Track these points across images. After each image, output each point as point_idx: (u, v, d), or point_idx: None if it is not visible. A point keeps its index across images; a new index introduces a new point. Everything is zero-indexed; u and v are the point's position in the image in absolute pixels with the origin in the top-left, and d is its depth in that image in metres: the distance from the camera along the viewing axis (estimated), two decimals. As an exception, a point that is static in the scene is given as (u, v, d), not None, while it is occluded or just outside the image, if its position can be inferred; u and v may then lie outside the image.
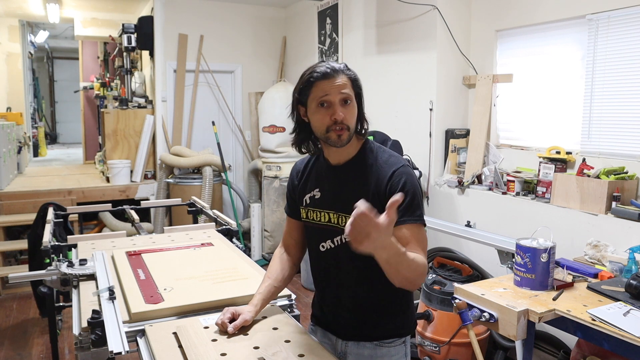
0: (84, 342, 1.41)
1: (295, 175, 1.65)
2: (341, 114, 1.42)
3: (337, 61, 1.49)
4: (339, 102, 1.43)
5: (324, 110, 1.43)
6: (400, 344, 1.56)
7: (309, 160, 1.64)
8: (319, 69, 1.44)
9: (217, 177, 5.43)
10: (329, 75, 1.43)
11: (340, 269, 1.52)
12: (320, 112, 1.44)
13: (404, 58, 4.07)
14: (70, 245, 2.38)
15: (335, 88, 1.42)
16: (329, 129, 1.44)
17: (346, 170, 1.51)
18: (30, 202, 4.88)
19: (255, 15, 5.98)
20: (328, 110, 1.43)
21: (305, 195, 1.58)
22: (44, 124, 11.38)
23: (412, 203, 1.41)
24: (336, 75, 1.43)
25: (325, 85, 1.42)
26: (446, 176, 3.80)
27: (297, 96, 1.49)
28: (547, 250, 2.02)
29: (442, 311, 2.95)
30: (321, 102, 1.43)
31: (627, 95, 2.80)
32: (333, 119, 1.42)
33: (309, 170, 1.61)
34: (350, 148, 1.50)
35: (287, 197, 1.69)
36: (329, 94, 1.42)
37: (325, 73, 1.43)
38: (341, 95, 1.43)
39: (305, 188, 1.59)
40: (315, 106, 1.44)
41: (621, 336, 1.71)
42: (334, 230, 1.51)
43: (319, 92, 1.43)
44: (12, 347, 3.59)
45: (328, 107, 1.43)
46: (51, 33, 9.71)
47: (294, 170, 1.67)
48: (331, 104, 1.43)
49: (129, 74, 6.64)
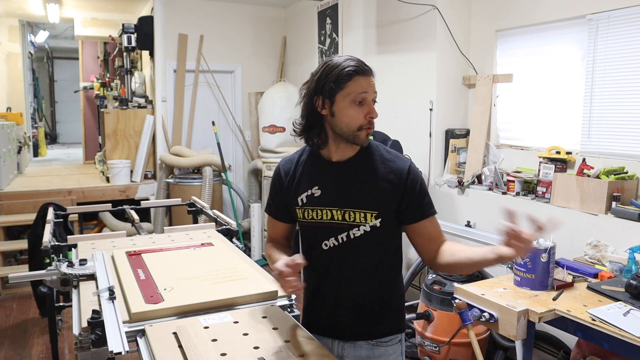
0: (84, 342, 1.41)
1: (285, 175, 1.57)
2: (376, 114, 1.42)
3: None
4: (371, 101, 1.43)
5: (359, 108, 1.40)
6: (396, 342, 1.56)
7: (296, 159, 1.58)
8: (359, 64, 1.39)
9: (217, 177, 5.43)
10: (367, 72, 1.41)
11: (343, 267, 1.51)
12: (355, 109, 1.40)
13: (404, 58, 4.07)
14: (70, 245, 2.38)
15: (372, 87, 1.42)
16: (361, 128, 1.42)
17: (350, 166, 1.49)
18: (30, 202, 4.88)
19: (255, 15, 5.98)
20: (363, 108, 1.41)
21: (300, 195, 1.52)
22: (44, 124, 11.38)
23: (427, 197, 1.51)
24: (371, 73, 1.42)
25: (364, 82, 1.39)
26: (446, 176, 3.81)
27: (331, 85, 1.38)
28: (547, 250, 2.02)
29: (442, 311, 2.95)
30: (359, 100, 1.40)
31: (627, 95, 2.80)
32: (369, 117, 1.41)
33: (301, 170, 1.55)
34: (353, 145, 1.49)
35: (272, 197, 1.62)
36: (367, 92, 1.40)
37: (365, 70, 1.40)
38: (374, 95, 1.44)
39: (299, 187, 1.53)
40: (350, 102, 1.40)
41: (621, 336, 1.71)
42: (338, 227, 1.48)
43: (357, 88, 1.39)
44: (12, 347, 3.59)
45: (364, 105, 1.41)
46: (51, 33, 9.71)
47: (281, 171, 1.58)
48: (367, 102, 1.41)
49: (129, 74, 6.64)
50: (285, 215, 1.61)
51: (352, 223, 1.46)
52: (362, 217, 1.45)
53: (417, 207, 1.49)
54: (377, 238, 1.48)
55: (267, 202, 1.67)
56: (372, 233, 1.47)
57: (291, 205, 1.55)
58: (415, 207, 1.48)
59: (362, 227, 1.46)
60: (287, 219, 1.62)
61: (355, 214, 1.46)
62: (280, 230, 1.65)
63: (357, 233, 1.47)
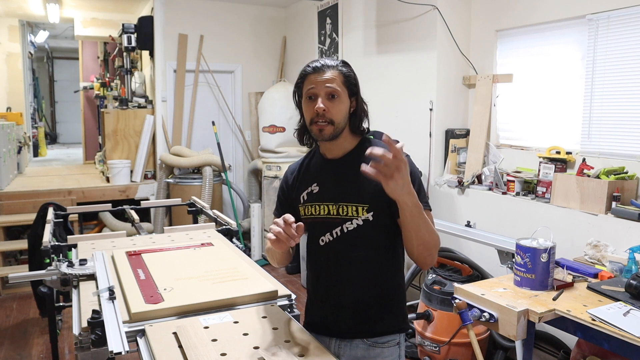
0: (84, 342, 1.41)
1: (290, 175, 1.66)
2: (322, 106, 1.45)
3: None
4: (325, 95, 1.46)
5: (310, 102, 1.48)
6: (394, 345, 1.56)
7: (302, 161, 1.67)
8: (312, 64, 1.50)
9: (217, 177, 5.43)
10: (318, 69, 1.48)
11: (340, 263, 1.53)
12: (307, 104, 1.50)
13: (404, 58, 4.07)
14: (70, 245, 2.38)
15: (321, 82, 1.46)
16: (312, 122, 1.48)
17: (344, 163, 1.54)
18: (30, 202, 4.88)
19: (255, 15, 5.98)
20: (313, 103, 1.47)
21: (302, 192, 1.59)
22: (44, 124, 11.37)
23: (420, 190, 1.46)
24: (326, 69, 1.47)
25: (313, 78, 1.47)
26: (446, 176, 3.80)
27: (294, 89, 1.55)
28: (547, 250, 2.02)
29: (442, 311, 2.95)
30: (308, 95, 1.48)
31: (627, 96, 2.80)
32: (315, 110, 1.45)
33: (304, 170, 1.62)
34: (345, 143, 1.54)
35: (279, 198, 1.69)
36: (315, 87, 1.46)
37: (315, 67, 1.48)
38: (327, 89, 1.46)
39: (302, 186, 1.60)
40: (304, 99, 1.50)
41: (621, 336, 1.71)
42: (332, 222, 1.51)
43: (308, 85, 1.48)
44: (12, 347, 3.59)
45: (313, 100, 1.47)
46: (51, 33, 9.71)
47: (288, 172, 1.69)
48: (316, 97, 1.46)
49: (129, 74, 6.64)
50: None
51: (345, 217, 1.50)
52: (354, 210, 1.48)
53: None
54: (371, 232, 1.49)
55: (275, 204, 1.74)
56: (365, 227, 1.48)
57: (295, 204, 1.61)
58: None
59: (354, 221, 1.49)
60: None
61: (348, 207, 1.49)
62: None
63: (350, 227, 1.49)
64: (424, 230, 1.36)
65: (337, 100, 1.47)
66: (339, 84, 1.47)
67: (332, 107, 1.46)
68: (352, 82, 1.51)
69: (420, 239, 1.38)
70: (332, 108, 1.46)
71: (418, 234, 1.37)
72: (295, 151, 5.12)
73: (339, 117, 1.47)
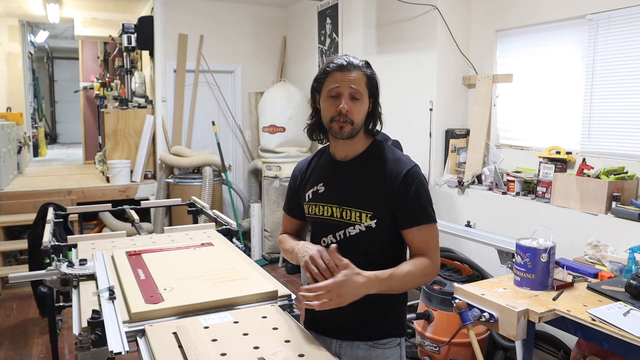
0: (84, 342, 1.41)
1: (298, 172, 1.67)
2: (346, 106, 1.45)
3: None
4: (348, 95, 1.46)
5: (332, 100, 1.47)
6: (395, 346, 1.56)
7: (312, 159, 1.67)
8: (337, 61, 1.48)
9: (217, 177, 5.43)
10: (344, 67, 1.46)
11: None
12: (329, 102, 1.48)
13: (404, 58, 4.07)
14: (70, 245, 2.38)
15: (346, 81, 1.45)
16: (332, 119, 1.47)
17: (352, 166, 1.54)
18: (30, 202, 4.88)
19: (255, 15, 5.98)
20: (335, 101, 1.46)
21: (308, 190, 1.60)
22: (44, 124, 11.37)
23: (420, 205, 1.45)
24: (351, 69, 1.47)
25: (338, 76, 1.46)
26: (446, 176, 3.80)
27: (314, 84, 1.53)
28: (547, 250, 2.02)
29: (442, 311, 2.95)
30: (331, 94, 1.47)
31: (627, 96, 2.80)
32: (338, 110, 1.45)
33: (312, 167, 1.63)
34: (357, 144, 1.54)
35: (287, 195, 1.72)
36: (340, 85, 1.46)
37: (341, 65, 1.47)
38: (351, 90, 1.46)
39: (308, 184, 1.61)
40: (326, 96, 1.49)
41: (621, 336, 1.71)
42: (336, 224, 1.52)
43: (331, 82, 1.47)
44: (12, 347, 3.59)
45: (336, 98, 1.46)
46: (51, 33, 9.71)
47: (296, 169, 1.69)
48: (339, 95, 1.46)
49: (129, 74, 6.64)
50: (298, 212, 1.67)
51: (348, 221, 1.50)
52: (357, 216, 1.48)
53: (407, 212, 1.46)
54: (373, 239, 1.49)
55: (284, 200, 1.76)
56: (367, 233, 1.48)
57: (301, 201, 1.63)
58: (405, 211, 1.46)
59: (357, 227, 1.49)
60: (299, 216, 1.68)
61: (352, 212, 1.49)
62: (293, 226, 1.72)
63: (353, 232, 1.50)
64: (404, 287, 1.45)
65: (359, 102, 1.47)
66: (363, 86, 1.47)
67: (354, 108, 1.46)
68: (374, 85, 1.52)
69: (405, 290, 1.49)
70: (354, 109, 1.46)
71: (401, 291, 1.48)
72: (295, 151, 5.12)
73: (359, 118, 1.48)
